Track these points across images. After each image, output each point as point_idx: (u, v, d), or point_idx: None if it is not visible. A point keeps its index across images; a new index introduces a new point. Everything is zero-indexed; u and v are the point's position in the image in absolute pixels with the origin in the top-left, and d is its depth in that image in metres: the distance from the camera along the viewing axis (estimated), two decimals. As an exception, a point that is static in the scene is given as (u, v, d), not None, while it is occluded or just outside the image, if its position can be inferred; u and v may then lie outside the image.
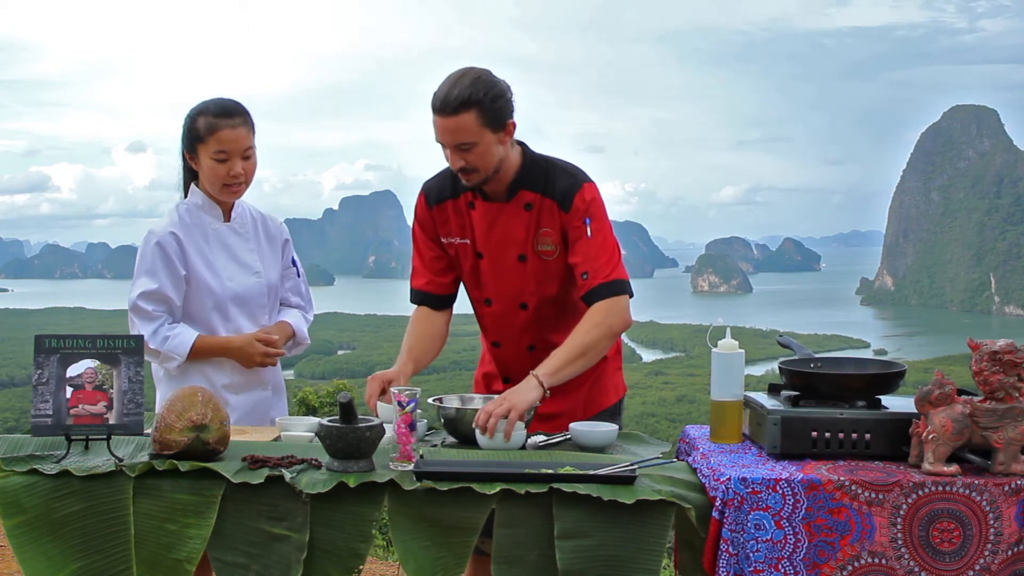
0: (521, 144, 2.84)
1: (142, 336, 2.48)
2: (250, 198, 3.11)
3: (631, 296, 2.81)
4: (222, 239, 3.05)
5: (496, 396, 2.65)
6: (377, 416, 2.57)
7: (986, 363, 2.23)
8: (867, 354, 39.92)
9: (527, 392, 2.58)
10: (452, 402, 2.74)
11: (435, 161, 2.91)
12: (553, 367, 2.65)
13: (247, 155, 2.96)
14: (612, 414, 2.97)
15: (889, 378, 2.46)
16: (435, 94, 2.67)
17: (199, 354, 2.93)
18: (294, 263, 3.22)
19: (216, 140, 2.91)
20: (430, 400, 2.73)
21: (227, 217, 3.07)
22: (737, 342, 2.51)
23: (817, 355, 2.64)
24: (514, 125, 2.75)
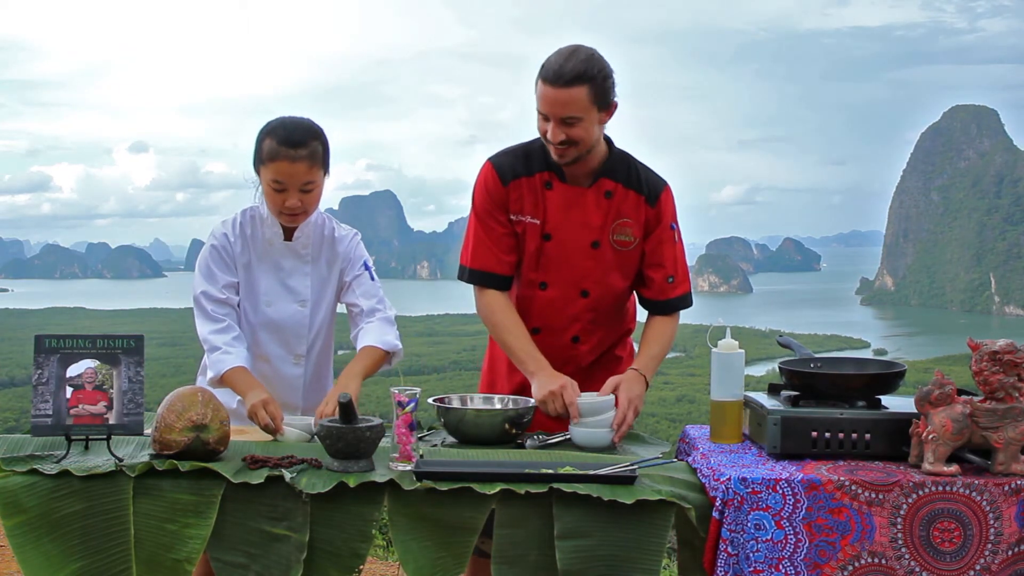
0: (606, 136, 2.85)
1: (142, 336, 2.47)
2: (251, 197, 2.91)
3: None
4: (275, 258, 2.90)
5: (516, 396, 2.78)
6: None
7: (986, 363, 2.23)
8: (867, 354, 39.89)
9: (640, 387, 2.71)
10: (452, 402, 2.74)
11: (436, 161, 2.90)
12: (652, 367, 2.81)
13: (307, 189, 2.77)
14: None
15: (889, 378, 2.46)
16: (546, 65, 2.67)
17: (228, 383, 2.75)
18: (367, 267, 2.97)
19: (274, 169, 2.74)
20: (430, 400, 2.73)
21: (289, 236, 2.90)
22: (737, 342, 2.51)
23: (817, 355, 2.64)
24: (615, 106, 2.76)
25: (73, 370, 2.38)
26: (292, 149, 2.72)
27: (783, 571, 2.16)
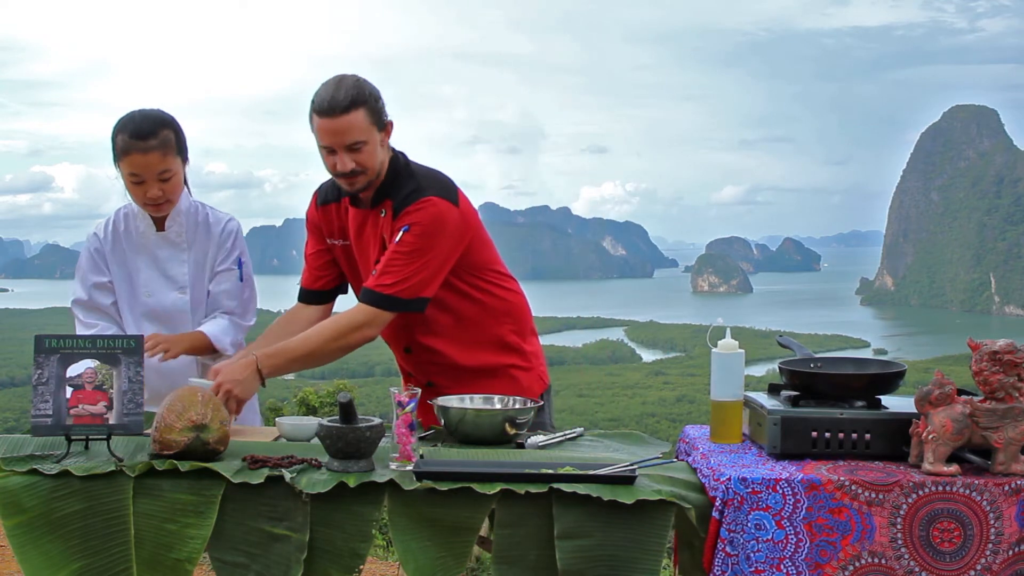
0: (394, 152, 2.87)
1: (142, 336, 2.47)
2: (252, 197, 3.04)
3: (391, 316, 2.80)
4: (151, 250, 2.99)
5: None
6: None
7: (986, 363, 2.23)
8: (867, 354, 39.90)
9: (248, 381, 2.68)
10: (452, 402, 2.74)
11: (436, 161, 2.91)
12: (274, 362, 2.72)
13: (165, 177, 2.85)
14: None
15: (889, 378, 2.46)
16: (317, 100, 2.72)
17: None
18: (239, 264, 3.06)
19: (129, 162, 2.83)
20: (428, 401, 2.73)
21: (161, 226, 2.99)
22: (737, 342, 2.51)
23: (817, 355, 2.64)
24: (392, 125, 2.82)
25: (73, 370, 2.38)
26: (142, 141, 2.81)
27: (783, 571, 2.16)
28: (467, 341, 2.96)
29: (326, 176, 2.91)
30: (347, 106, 2.69)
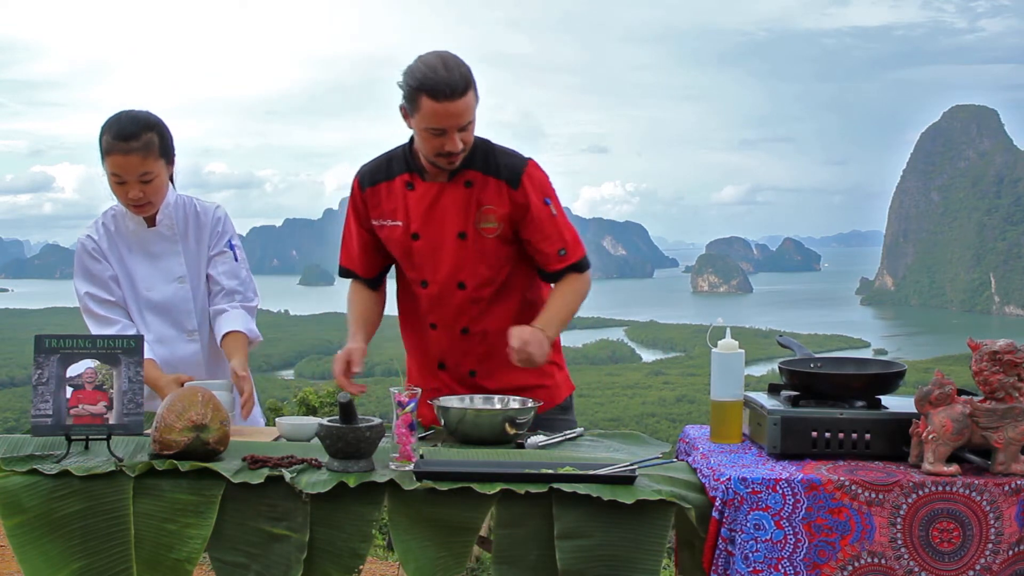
0: None
1: (142, 336, 2.47)
2: (252, 197, 3.06)
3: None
4: (145, 246, 3.01)
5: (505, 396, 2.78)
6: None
7: (986, 363, 2.23)
8: (867, 354, 39.90)
9: (543, 342, 2.72)
10: (452, 402, 2.74)
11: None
12: (555, 324, 2.80)
13: (146, 179, 2.87)
14: (565, 410, 3.02)
15: (889, 378, 2.46)
16: (428, 83, 2.65)
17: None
18: (231, 247, 3.10)
19: (111, 163, 2.86)
20: (429, 400, 2.73)
21: (151, 222, 3.01)
22: (737, 342, 2.51)
23: (817, 355, 2.64)
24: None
25: (73, 370, 2.38)
26: (124, 142, 2.83)
27: (782, 571, 2.16)
28: (518, 320, 2.92)
29: (325, 175, 2.91)
30: (464, 88, 2.67)
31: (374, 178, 2.93)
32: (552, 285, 2.96)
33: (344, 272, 3.06)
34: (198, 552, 2.21)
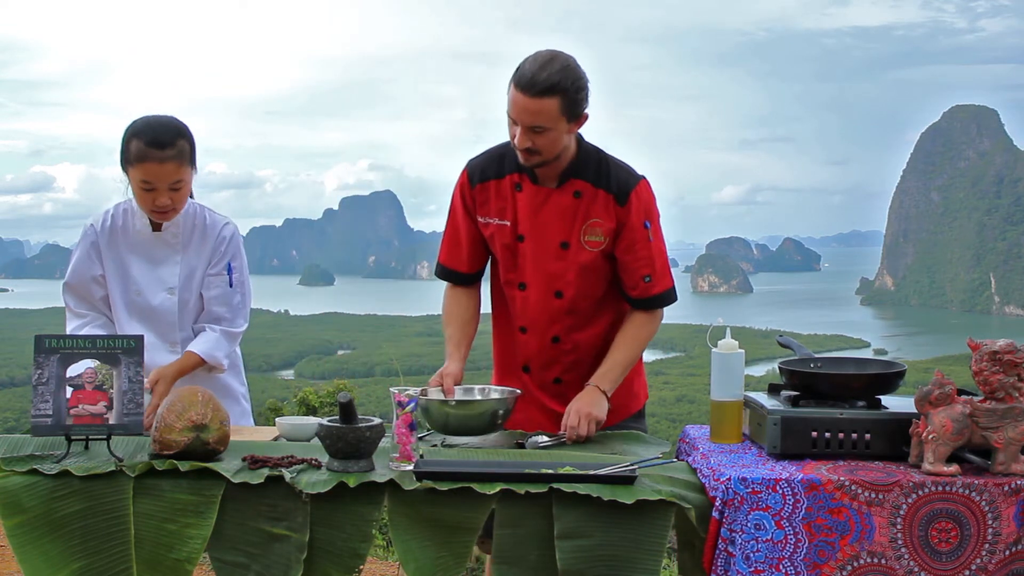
0: (578, 133, 2.81)
1: (142, 336, 2.47)
2: (252, 197, 3.02)
3: None
4: (147, 249, 2.97)
5: (513, 390, 2.77)
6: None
7: (986, 363, 2.23)
8: (867, 354, 39.88)
9: (601, 404, 2.71)
10: (433, 393, 2.71)
11: (437, 161, 2.91)
12: (612, 376, 2.76)
13: (176, 187, 2.83)
14: (638, 418, 3.00)
15: (889, 378, 2.46)
16: (521, 71, 2.64)
17: None
18: (229, 270, 3.03)
19: (143, 170, 2.78)
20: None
21: (157, 226, 2.96)
22: (737, 342, 2.51)
23: (817, 355, 2.64)
24: (587, 117, 2.74)
25: (73, 370, 2.38)
26: (160, 150, 2.76)
27: (783, 571, 2.16)
28: (610, 341, 2.89)
29: (325, 175, 2.88)
30: (543, 90, 2.60)
31: (484, 175, 2.87)
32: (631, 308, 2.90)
33: (443, 272, 2.99)
34: (198, 552, 2.21)
